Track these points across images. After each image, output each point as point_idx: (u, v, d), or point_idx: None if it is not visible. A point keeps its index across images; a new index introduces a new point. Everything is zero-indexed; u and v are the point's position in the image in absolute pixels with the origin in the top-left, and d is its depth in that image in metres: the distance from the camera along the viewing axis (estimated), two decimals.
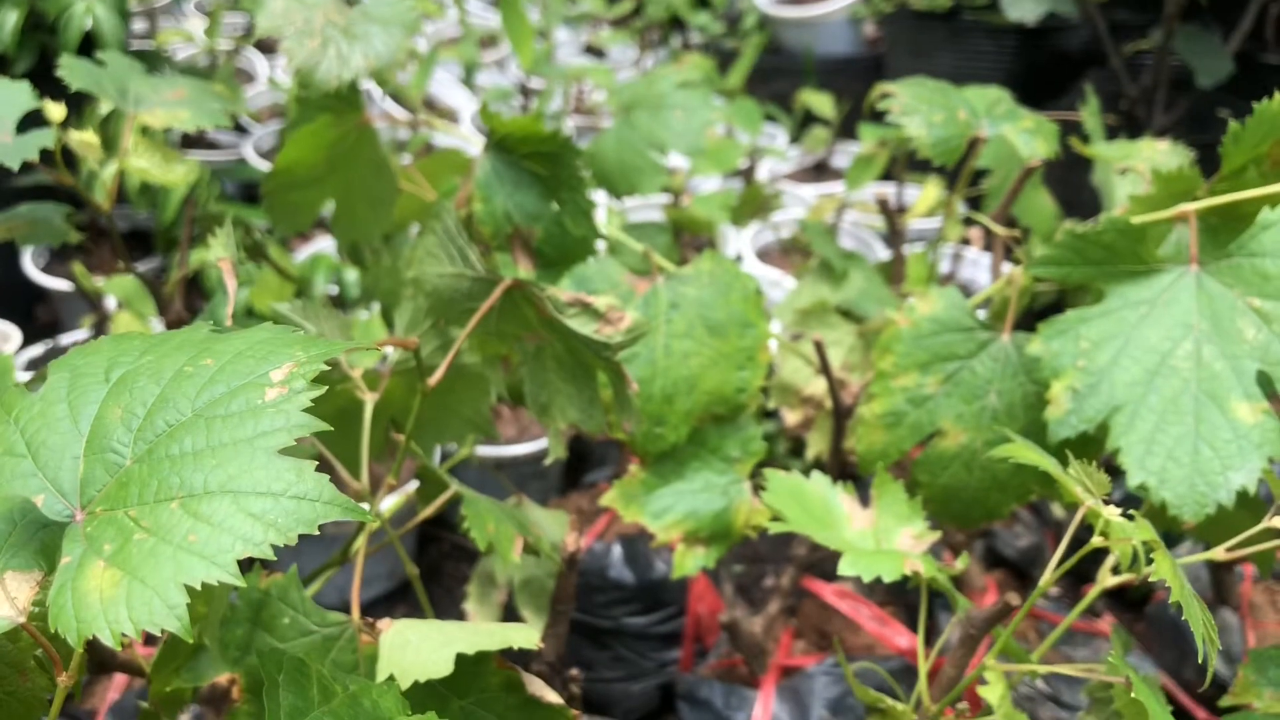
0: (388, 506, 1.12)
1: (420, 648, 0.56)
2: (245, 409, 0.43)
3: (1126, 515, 0.58)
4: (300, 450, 0.46)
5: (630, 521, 0.85)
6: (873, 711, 0.70)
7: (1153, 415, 0.70)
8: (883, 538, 0.72)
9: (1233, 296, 0.70)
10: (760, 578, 1.36)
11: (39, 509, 0.43)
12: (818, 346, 0.89)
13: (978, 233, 1.77)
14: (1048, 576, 0.60)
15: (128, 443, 0.44)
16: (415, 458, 0.77)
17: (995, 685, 0.63)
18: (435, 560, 1.43)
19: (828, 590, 1.04)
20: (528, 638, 0.57)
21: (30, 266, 1.67)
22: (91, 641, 0.39)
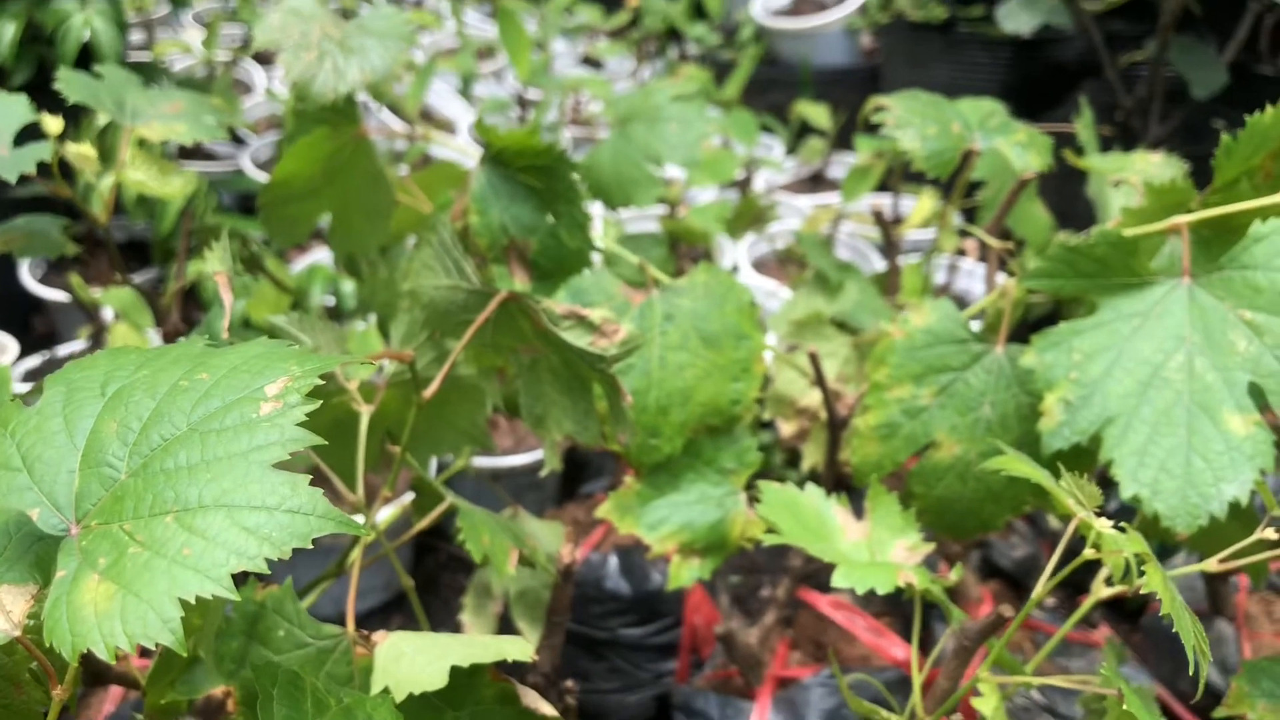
0: (383, 518, 1.12)
1: (415, 660, 0.56)
2: (240, 423, 0.43)
3: (1119, 527, 0.58)
4: (295, 463, 0.46)
5: (626, 533, 0.85)
6: None
7: (1145, 427, 0.70)
8: (877, 549, 0.73)
9: (1224, 309, 0.71)
10: (756, 589, 1.36)
11: (34, 522, 0.43)
12: (813, 358, 0.89)
13: (973, 244, 1.77)
14: (1042, 588, 0.60)
15: (123, 457, 0.44)
16: (411, 469, 0.77)
17: (989, 697, 0.63)
18: (432, 571, 1.42)
19: (824, 601, 1.04)
20: (522, 649, 0.57)
21: (27, 278, 1.67)
22: (86, 654, 0.39)
